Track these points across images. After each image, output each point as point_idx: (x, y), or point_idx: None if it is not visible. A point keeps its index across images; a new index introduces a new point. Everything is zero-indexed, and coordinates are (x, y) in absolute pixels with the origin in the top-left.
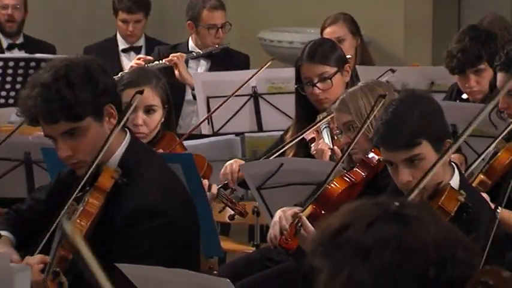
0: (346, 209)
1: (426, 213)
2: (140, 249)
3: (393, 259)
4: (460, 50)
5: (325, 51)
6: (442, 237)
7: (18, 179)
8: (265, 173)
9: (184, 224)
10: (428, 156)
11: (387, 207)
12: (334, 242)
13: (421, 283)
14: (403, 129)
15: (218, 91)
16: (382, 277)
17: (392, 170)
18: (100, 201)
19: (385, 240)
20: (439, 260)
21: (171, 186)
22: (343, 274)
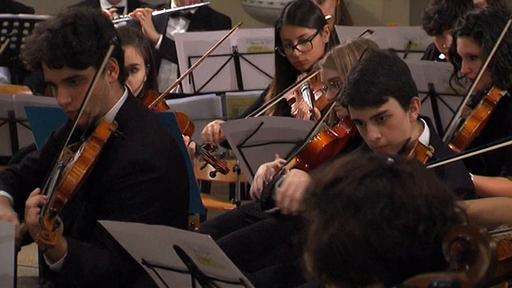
0: (340, 162)
1: (419, 171)
2: (131, 201)
3: (384, 213)
4: (437, 11)
5: (304, 13)
6: (433, 195)
7: (2, 137)
8: (246, 132)
9: (175, 180)
10: (396, 113)
11: (381, 162)
12: (327, 193)
13: (410, 238)
14: (370, 88)
15: (199, 51)
16: (372, 230)
17: (361, 128)
18: (97, 151)
19: (378, 195)
20: (429, 217)
21: (164, 143)
22: (333, 225)
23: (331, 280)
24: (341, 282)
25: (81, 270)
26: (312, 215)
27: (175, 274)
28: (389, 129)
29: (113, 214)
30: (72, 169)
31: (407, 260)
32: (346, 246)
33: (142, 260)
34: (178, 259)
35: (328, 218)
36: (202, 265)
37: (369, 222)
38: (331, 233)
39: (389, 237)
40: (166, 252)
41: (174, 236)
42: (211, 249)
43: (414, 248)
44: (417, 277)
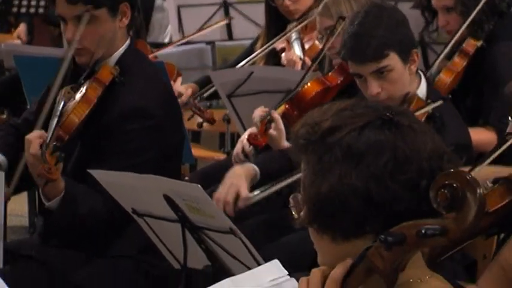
0: (334, 110)
1: (416, 123)
2: (127, 147)
3: (388, 167)
4: None
5: None
6: (432, 149)
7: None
8: (236, 81)
9: (171, 129)
10: (396, 67)
11: (380, 113)
12: (324, 141)
13: (412, 192)
14: (371, 42)
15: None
16: (374, 183)
17: (361, 82)
18: (98, 93)
19: (381, 147)
20: (430, 171)
21: (163, 92)
22: (333, 175)
23: (323, 230)
24: (333, 233)
25: (76, 210)
26: (305, 160)
27: (165, 223)
28: (389, 83)
29: (108, 159)
30: (75, 108)
31: (404, 214)
32: (345, 197)
33: (132, 209)
34: (168, 208)
35: (327, 168)
36: (192, 214)
37: (372, 174)
38: (330, 183)
39: (391, 191)
40: (156, 202)
41: (164, 186)
42: (201, 198)
43: (413, 203)
44: (404, 224)
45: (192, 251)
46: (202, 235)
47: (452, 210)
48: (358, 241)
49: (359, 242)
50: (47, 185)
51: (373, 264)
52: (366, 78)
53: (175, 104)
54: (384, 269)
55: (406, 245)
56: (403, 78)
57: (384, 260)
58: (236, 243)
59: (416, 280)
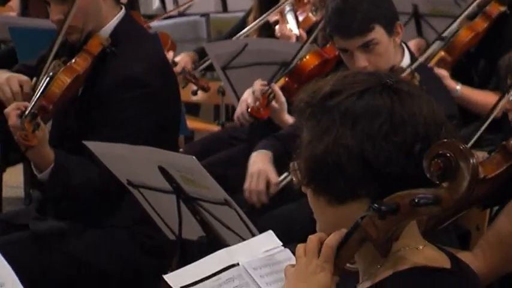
0: (336, 76)
1: (416, 90)
2: (122, 116)
3: (383, 129)
4: None
5: None
6: (430, 116)
7: None
8: (230, 53)
9: (166, 98)
10: (382, 40)
11: (381, 79)
12: (324, 105)
13: (405, 155)
14: (356, 16)
15: None
16: (368, 144)
17: (347, 57)
18: (87, 63)
19: (377, 110)
20: (426, 137)
21: (158, 61)
22: (329, 136)
23: (319, 191)
24: (329, 194)
25: (69, 181)
26: (305, 124)
27: (160, 195)
28: (376, 56)
29: (101, 128)
30: (57, 77)
31: (398, 177)
32: (340, 157)
33: (127, 180)
34: (163, 180)
35: (324, 129)
36: (186, 186)
37: (366, 135)
38: (326, 143)
39: (385, 153)
40: (151, 173)
41: (159, 157)
42: (196, 169)
43: (407, 166)
44: (397, 194)
45: (187, 222)
46: (197, 206)
47: (446, 180)
48: (354, 204)
49: (354, 205)
50: (29, 153)
51: (367, 233)
52: (352, 52)
53: (171, 74)
54: (378, 238)
55: (400, 214)
56: (388, 51)
57: (377, 229)
58: (231, 215)
59: (410, 249)
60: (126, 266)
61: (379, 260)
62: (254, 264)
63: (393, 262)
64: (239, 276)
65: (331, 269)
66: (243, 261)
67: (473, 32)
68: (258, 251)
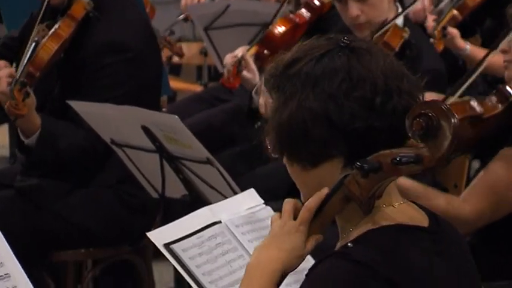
0: (298, 45)
1: (375, 47)
2: (106, 80)
3: (342, 87)
4: None
5: None
6: (389, 69)
7: None
8: (213, 14)
9: (149, 62)
10: None
11: (339, 41)
12: (286, 73)
13: (367, 110)
14: None
15: None
16: (330, 104)
17: (341, 6)
18: (71, 28)
19: (336, 69)
20: (386, 90)
21: (140, 25)
22: (292, 102)
23: (293, 158)
24: (302, 160)
25: (56, 145)
26: (271, 95)
27: (144, 154)
28: (369, 7)
29: (86, 93)
30: (44, 44)
31: (365, 133)
32: (305, 121)
33: (111, 139)
34: (146, 139)
35: (288, 96)
36: (169, 145)
37: (328, 96)
38: (290, 109)
39: (348, 110)
40: (135, 133)
41: (142, 116)
42: (179, 129)
43: (371, 120)
44: (380, 153)
45: (170, 181)
46: (180, 165)
47: (427, 139)
48: (328, 165)
49: (328, 166)
50: (19, 121)
51: (350, 191)
52: (346, 1)
53: (153, 37)
54: (361, 196)
55: (382, 173)
56: (382, 4)
57: (360, 187)
58: (213, 173)
59: (388, 207)
60: (110, 224)
61: (359, 218)
62: (236, 221)
63: (370, 219)
64: (221, 233)
65: (305, 231)
66: (225, 219)
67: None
68: (240, 209)
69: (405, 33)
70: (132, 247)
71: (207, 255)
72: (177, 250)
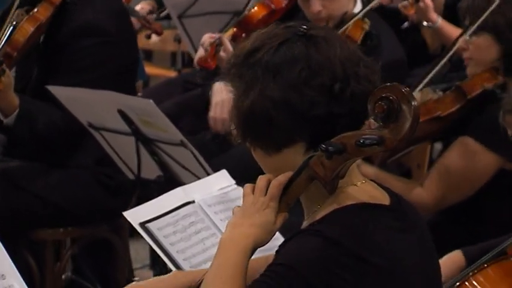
0: (257, 33)
1: (332, 35)
2: (82, 63)
3: (302, 75)
4: None
5: None
6: (346, 56)
7: None
8: (186, 2)
9: (124, 45)
10: None
11: (296, 30)
12: (246, 62)
13: (327, 96)
14: None
15: None
16: (291, 91)
17: (303, 2)
18: (48, 12)
19: (295, 58)
20: (344, 76)
21: (116, 9)
22: (254, 91)
23: (256, 143)
24: (265, 145)
25: (34, 125)
26: (234, 84)
27: (120, 137)
28: (330, 2)
29: (63, 75)
30: (22, 26)
31: (326, 118)
32: (267, 109)
33: (89, 123)
34: (122, 122)
35: (249, 85)
36: (145, 128)
37: (288, 84)
38: (252, 98)
39: (308, 97)
40: (111, 116)
41: (118, 100)
42: (154, 113)
43: (331, 106)
44: (344, 135)
45: (145, 163)
46: (155, 147)
47: (389, 121)
48: (290, 150)
49: (291, 151)
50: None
51: (315, 172)
52: None
53: (128, 21)
54: (325, 176)
55: (346, 154)
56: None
57: (325, 168)
58: (187, 155)
59: (351, 186)
60: (88, 204)
61: (324, 197)
62: (209, 201)
63: (335, 199)
64: (195, 212)
65: (276, 207)
66: (199, 199)
67: None
68: (212, 189)
69: (366, 25)
70: (109, 226)
71: (181, 233)
72: (152, 228)
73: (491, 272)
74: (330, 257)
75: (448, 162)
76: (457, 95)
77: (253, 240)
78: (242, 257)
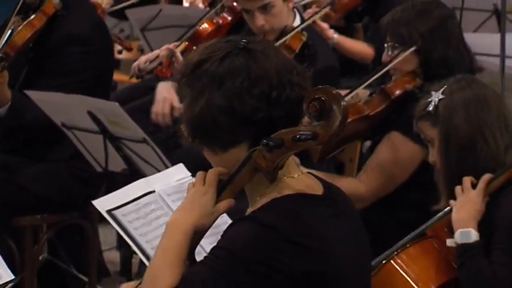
0: (203, 46)
1: (268, 48)
2: (67, 68)
3: (243, 85)
4: None
5: None
6: (281, 66)
7: None
8: (148, 17)
9: (105, 55)
10: (277, 3)
11: (237, 44)
12: (194, 73)
13: (266, 102)
14: None
15: None
16: (234, 99)
17: (249, 17)
18: (42, 21)
19: (236, 70)
20: (280, 84)
21: (99, 21)
22: (202, 99)
23: (204, 143)
24: (212, 145)
25: (22, 117)
26: (184, 92)
27: (90, 135)
28: (272, 16)
29: (49, 77)
30: (20, 30)
31: (265, 121)
32: (214, 115)
33: (62, 123)
34: (91, 122)
35: (197, 93)
36: (111, 127)
37: (232, 93)
38: (201, 105)
39: (249, 104)
40: (82, 117)
41: (88, 103)
42: (119, 114)
43: (270, 110)
44: (282, 131)
45: (112, 157)
46: (120, 144)
47: (321, 119)
48: (235, 150)
49: (236, 150)
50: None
51: (258, 163)
52: (253, 13)
53: (108, 34)
54: (266, 167)
55: (284, 148)
56: (283, 13)
57: (266, 160)
58: (148, 150)
59: (288, 178)
60: (63, 193)
61: (265, 187)
62: (168, 191)
63: (275, 189)
64: (155, 201)
65: (214, 193)
66: (159, 189)
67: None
68: (170, 180)
69: (303, 37)
70: (80, 213)
71: (143, 219)
72: (118, 215)
73: (412, 251)
74: (266, 241)
75: (380, 156)
76: (382, 96)
77: (192, 222)
78: (183, 237)
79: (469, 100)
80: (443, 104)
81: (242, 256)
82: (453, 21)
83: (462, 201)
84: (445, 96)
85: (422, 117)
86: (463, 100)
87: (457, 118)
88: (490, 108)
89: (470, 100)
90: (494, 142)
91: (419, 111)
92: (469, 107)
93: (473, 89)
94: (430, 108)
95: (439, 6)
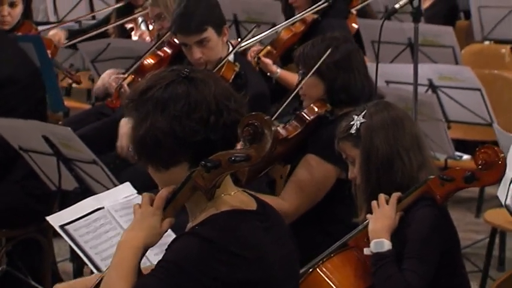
0: (150, 74)
1: (208, 76)
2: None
3: (184, 110)
4: None
5: None
6: (219, 93)
7: None
8: (97, 50)
9: (34, 87)
10: (213, 38)
11: (180, 72)
12: (141, 98)
13: (204, 126)
14: (193, 19)
15: None
16: (175, 123)
17: (187, 50)
18: None
19: (178, 96)
20: (217, 110)
21: (21, 58)
22: (147, 122)
23: (147, 163)
24: (156, 164)
25: None
26: (131, 115)
27: (45, 157)
28: (208, 50)
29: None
30: None
31: (204, 143)
32: (157, 137)
33: (19, 146)
34: (46, 145)
35: (143, 117)
36: (64, 149)
37: (173, 117)
38: (145, 128)
39: (189, 127)
40: (37, 141)
41: (43, 128)
42: (71, 138)
43: (208, 134)
44: (219, 153)
45: (65, 177)
46: (73, 165)
47: (254, 142)
48: (177, 169)
49: (177, 169)
50: None
51: (197, 183)
52: (190, 46)
53: (33, 65)
54: (205, 186)
55: (221, 168)
56: (218, 47)
57: (204, 179)
58: (98, 171)
59: (225, 195)
60: (19, 210)
61: (204, 204)
62: (116, 207)
63: (213, 205)
64: (104, 216)
65: (160, 215)
66: (107, 205)
67: (291, 33)
68: (118, 198)
69: (236, 67)
70: (36, 227)
71: (93, 233)
72: (70, 230)
73: (336, 260)
74: (207, 253)
75: (299, 176)
76: (298, 121)
77: (142, 241)
78: (133, 254)
79: (387, 122)
80: (364, 126)
81: (186, 267)
82: (357, 55)
83: (377, 215)
84: (366, 119)
85: (344, 138)
86: (382, 122)
87: (376, 139)
88: (404, 130)
89: (388, 122)
90: (409, 161)
91: (341, 133)
92: (387, 129)
93: (389, 111)
94: (353, 131)
95: (345, 42)
